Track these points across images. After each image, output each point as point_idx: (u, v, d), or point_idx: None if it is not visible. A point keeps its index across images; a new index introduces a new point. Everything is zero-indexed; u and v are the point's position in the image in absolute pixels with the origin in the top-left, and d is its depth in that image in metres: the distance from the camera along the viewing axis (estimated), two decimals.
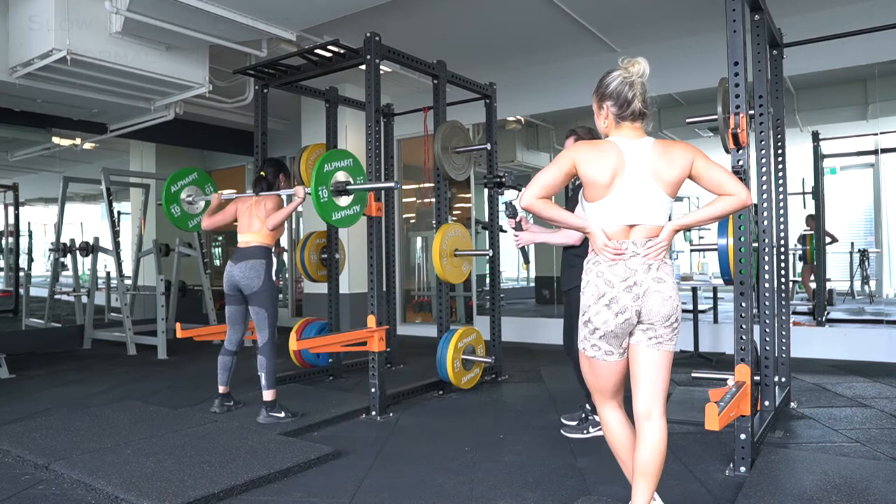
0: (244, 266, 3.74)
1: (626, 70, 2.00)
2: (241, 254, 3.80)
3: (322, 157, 3.76)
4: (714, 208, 1.96)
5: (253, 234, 3.82)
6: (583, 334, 2.05)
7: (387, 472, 2.89)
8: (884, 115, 5.93)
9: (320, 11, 4.84)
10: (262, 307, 3.73)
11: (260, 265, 3.74)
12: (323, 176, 3.70)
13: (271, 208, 3.83)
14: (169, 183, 4.30)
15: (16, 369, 5.50)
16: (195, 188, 4.42)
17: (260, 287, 3.72)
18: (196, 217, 4.44)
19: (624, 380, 2.10)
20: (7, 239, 8.36)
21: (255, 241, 3.80)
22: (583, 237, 3.29)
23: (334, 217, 3.79)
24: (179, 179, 4.35)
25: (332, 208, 3.77)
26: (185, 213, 4.39)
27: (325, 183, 3.71)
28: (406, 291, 8.27)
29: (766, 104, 3.40)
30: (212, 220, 4.03)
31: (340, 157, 3.86)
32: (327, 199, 3.73)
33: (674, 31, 5.80)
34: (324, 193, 3.70)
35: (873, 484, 2.51)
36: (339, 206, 3.81)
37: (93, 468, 2.80)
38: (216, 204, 4.08)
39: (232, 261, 3.81)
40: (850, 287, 7.19)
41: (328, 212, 3.74)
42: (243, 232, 3.86)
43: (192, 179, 4.40)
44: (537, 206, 1.97)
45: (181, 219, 4.37)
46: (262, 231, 3.80)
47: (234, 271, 3.77)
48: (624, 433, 2.12)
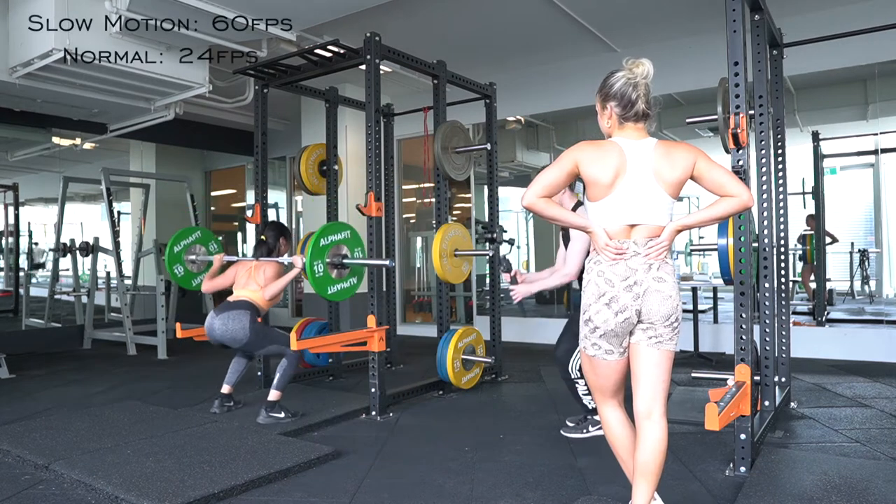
0: (225, 318, 3.61)
1: (630, 71, 2.00)
2: (225, 305, 3.69)
3: (318, 231, 3.72)
4: (716, 209, 1.96)
5: (248, 292, 3.78)
6: (583, 333, 2.05)
7: (387, 472, 2.89)
8: (884, 115, 5.93)
9: (320, 11, 4.85)
10: (263, 348, 3.70)
11: (243, 315, 3.62)
12: (318, 251, 3.65)
13: (270, 276, 3.82)
14: (172, 243, 4.34)
15: (16, 369, 5.50)
16: (199, 247, 4.45)
17: (248, 337, 3.62)
18: (199, 276, 4.45)
19: (624, 379, 2.10)
20: (7, 239, 8.36)
21: (245, 297, 3.76)
22: (578, 272, 3.29)
23: (329, 291, 3.74)
24: (182, 239, 4.40)
25: (328, 283, 3.72)
26: (188, 273, 4.43)
27: (320, 258, 3.67)
28: (406, 291, 8.27)
29: (766, 104, 3.40)
30: (212, 284, 4.01)
31: (337, 230, 3.81)
32: (322, 275, 3.68)
33: (674, 31, 5.80)
34: (319, 268, 3.65)
35: (873, 484, 2.51)
36: (335, 280, 3.77)
37: (93, 468, 2.80)
38: (218, 266, 4.09)
39: (214, 312, 3.69)
40: (850, 287, 7.19)
41: (324, 287, 3.69)
42: (238, 289, 3.83)
43: (195, 239, 4.46)
44: (539, 206, 1.97)
45: (184, 278, 4.42)
46: (257, 293, 3.77)
47: (214, 324, 3.63)
48: (624, 432, 2.12)
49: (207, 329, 3.69)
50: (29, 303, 7.94)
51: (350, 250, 3.85)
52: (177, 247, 4.35)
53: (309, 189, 5.23)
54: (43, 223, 9.08)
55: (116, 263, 7.06)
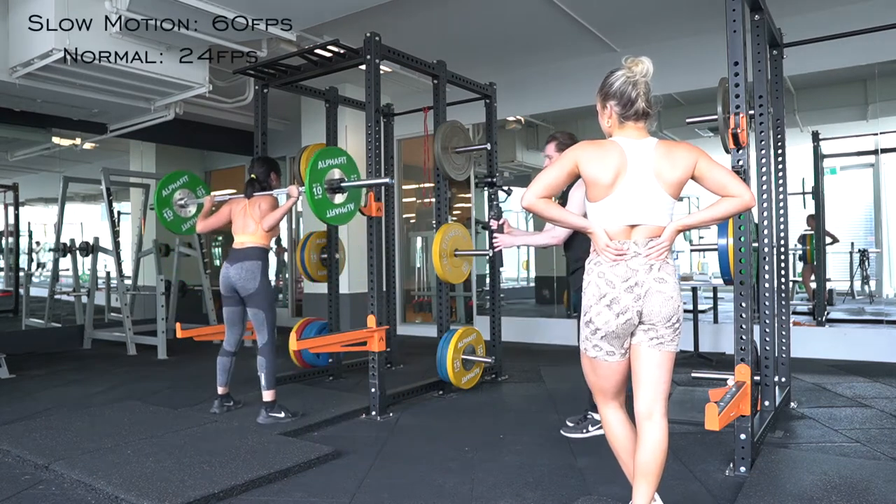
0: (239, 267, 3.72)
1: (629, 69, 1.99)
2: (236, 255, 3.78)
3: (315, 154, 3.73)
4: (717, 210, 1.95)
5: (249, 235, 3.80)
6: (584, 334, 2.04)
7: (387, 472, 2.89)
8: (884, 115, 5.93)
9: (320, 11, 4.85)
10: (259, 308, 3.73)
11: (255, 266, 3.72)
12: (317, 173, 3.68)
13: (266, 209, 3.80)
14: (160, 187, 4.30)
15: (16, 369, 5.50)
16: (187, 191, 4.41)
17: (256, 288, 3.71)
18: (189, 220, 4.43)
19: (626, 380, 2.09)
20: (7, 239, 8.36)
21: (250, 243, 3.78)
22: (568, 234, 3.31)
23: (329, 214, 3.77)
24: (170, 183, 4.35)
25: (327, 206, 3.75)
26: (177, 217, 4.39)
27: (318, 180, 3.69)
28: (406, 291, 8.27)
29: (766, 104, 3.40)
30: (205, 224, 4.02)
31: (334, 155, 3.84)
32: (321, 197, 3.70)
33: (674, 31, 5.80)
34: (318, 191, 3.67)
35: (873, 484, 2.51)
36: (334, 204, 3.79)
37: (93, 468, 2.80)
38: (209, 207, 4.08)
39: (227, 262, 3.79)
40: (850, 287, 7.19)
41: (323, 209, 3.72)
42: (238, 233, 3.85)
43: (183, 182, 4.40)
44: (539, 206, 1.96)
45: (174, 223, 4.38)
46: (257, 232, 3.78)
47: (229, 272, 3.75)
48: (625, 433, 2.12)
49: (222, 277, 3.77)
50: (29, 303, 7.94)
51: (347, 175, 3.86)
52: (165, 190, 4.30)
53: None
54: (43, 223, 9.08)
55: (116, 263, 7.06)
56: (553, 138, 3.52)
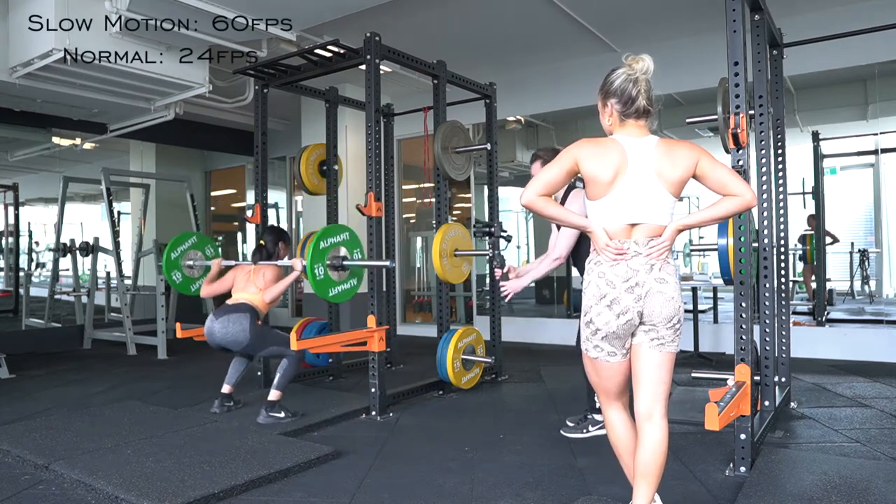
0: (225, 321, 3.60)
1: (630, 67, 1.98)
2: (224, 309, 3.68)
3: (318, 234, 3.73)
4: (718, 209, 1.94)
5: (248, 295, 3.77)
6: (584, 335, 2.04)
7: (387, 472, 2.89)
8: (884, 115, 5.93)
9: (320, 11, 4.85)
10: (268, 347, 3.70)
11: (243, 318, 3.62)
12: (318, 254, 3.66)
13: (270, 279, 3.81)
14: (169, 250, 4.34)
15: (16, 369, 5.50)
16: (196, 252, 4.45)
17: (248, 340, 3.60)
18: (198, 281, 4.45)
19: (628, 380, 2.09)
20: (7, 239, 8.36)
21: (245, 301, 3.74)
22: (567, 251, 3.29)
23: (331, 293, 3.76)
24: (179, 245, 4.40)
25: (329, 285, 3.74)
26: (186, 279, 4.42)
27: (320, 260, 3.68)
28: (406, 291, 8.27)
29: (766, 104, 3.40)
30: (211, 289, 3.99)
31: (336, 233, 3.82)
32: (323, 277, 3.70)
33: (674, 31, 5.80)
34: (319, 271, 3.67)
35: (873, 484, 2.51)
36: (336, 282, 3.79)
37: (93, 468, 2.80)
38: (216, 270, 4.07)
39: (213, 315, 3.67)
40: (850, 287, 7.19)
41: (325, 289, 3.71)
42: (237, 292, 3.82)
43: (191, 244, 4.45)
44: (538, 204, 1.96)
45: (182, 284, 4.41)
46: (256, 295, 3.76)
47: (213, 327, 3.61)
48: (627, 434, 2.11)
49: (207, 333, 3.66)
50: (29, 303, 7.94)
51: (349, 252, 3.86)
52: (174, 253, 4.35)
53: (309, 189, 5.23)
54: (43, 223, 9.08)
55: (116, 263, 7.06)
56: (537, 157, 3.43)
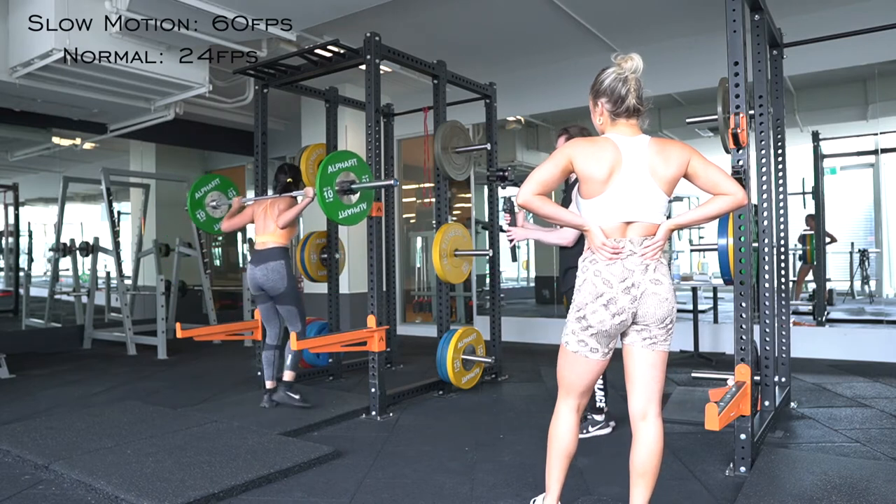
0: (265, 269, 3.91)
1: (619, 66, 1.99)
2: (259, 256, 3.96)
3: (325, 159, 3.82)
4: (710, 208, 1.95)
5: (268, 234, 3.99)
6: (571, 328, 2.01)
7: (387, 472, 2.89)
8: (884, 115, 5.93)
9: (320, 11, 4.84)
10: (290, 304, 3.97)
11: (281, 266, 3.91)
12: (327, 177, 3.75)
13: (283, 208, 3.99)
14: (193, 190, 4.49)
15: (16, 369, 5.50)
16: (218, 193, 4.60)
17: (285, 288, 3.93)
18: (219, 221, 4.59)
19: (594, 383, 2.08)
20: (7, 239, 8.36)
21: (271, 243, 3.97)
22: (577, 237, 3.29)
23: (341, 216, 3.86)
24: (203, 186, 4.56)
25: (338, 207, 3.83)
26: (210, 218, 4.59)
27: (329, 184, 3.77)
28: (406, 291, 8.27)
29: (766, 104, 3.40)
30: (230, 223, 4.25)
31: (343, 158, 3.90)
32: (332, 199, 3.79)
33: (674, 31, 5.79)
34: (329, 194, 3.76)
35: (873, 484, 2.51)
36: (345, 205, 3.88)
37: (93, 468, 2.80)
38: (236, 208, 4.31)
39: (252, 263, 3.98)
40: (850, 287, 7.19)
41: (334, 211, 3.81)
42: (259, 234, 4.04)
43: (214, 185, 4.61)
44: (534, 203, 1.95)
45: (206, 223, 4.59)
46: (276, 232, 3.98)
47: (256, 273, 3.94)
48: (568, 437, 2.09)
49: (250, 278, 3.97)
50: (29, 303, 7.94)
51: (358, 177, 3.94)
52: (198, 193, 4.52)
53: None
54: (43, 223, 9.08)
55: (116, 263, 7.06)
56: (565, 131, 3.31)
